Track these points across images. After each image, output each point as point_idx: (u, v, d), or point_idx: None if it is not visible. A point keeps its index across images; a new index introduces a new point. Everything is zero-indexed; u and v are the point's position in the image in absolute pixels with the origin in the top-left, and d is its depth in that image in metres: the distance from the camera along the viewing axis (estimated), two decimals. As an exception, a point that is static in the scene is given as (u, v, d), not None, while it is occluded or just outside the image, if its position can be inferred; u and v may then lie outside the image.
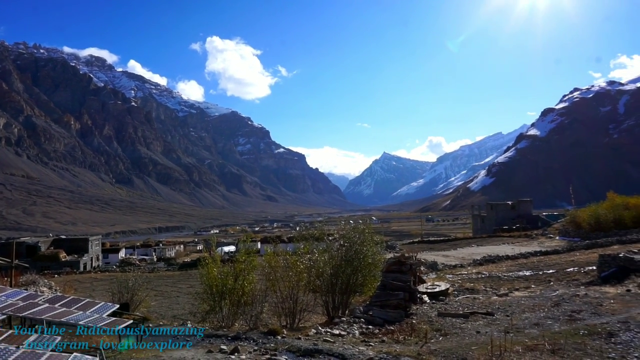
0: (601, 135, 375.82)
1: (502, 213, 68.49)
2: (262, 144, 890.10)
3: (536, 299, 15.03)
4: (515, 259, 28.93)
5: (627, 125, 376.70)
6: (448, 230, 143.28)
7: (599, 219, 38.14)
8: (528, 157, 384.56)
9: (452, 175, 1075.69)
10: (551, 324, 11.41)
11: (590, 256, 25.03)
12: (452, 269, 27.36)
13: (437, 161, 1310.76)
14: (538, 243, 40.05)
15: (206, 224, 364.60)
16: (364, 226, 15.53)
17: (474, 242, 47.93)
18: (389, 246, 46.05)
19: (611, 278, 16.89)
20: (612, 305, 13.12)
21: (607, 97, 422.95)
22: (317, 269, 14.18)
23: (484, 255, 30.95)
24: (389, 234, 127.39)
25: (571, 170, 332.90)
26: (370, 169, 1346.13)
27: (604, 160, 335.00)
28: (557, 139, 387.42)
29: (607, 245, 30.02)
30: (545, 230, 49.84)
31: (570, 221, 43.69)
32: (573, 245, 33.20)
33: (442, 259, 32.58)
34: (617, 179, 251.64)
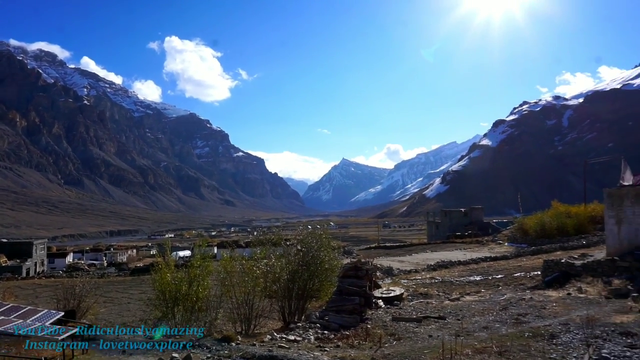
0: (547, 146, 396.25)
1: (456, 220, 70.65)
2: (220, 147, 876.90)
3: (486, 303, 15.59)
4: (466, 265, 29.87)
5: (570, 137, 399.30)
6: (404, 236, 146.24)
7: (544, 226, 40.07)
8: (480, 166, 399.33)
9: (409, 182, 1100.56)
10: (499, 327, 11.86)
11: (536, 262, 26.22)
12: (407, 274, 27.93)
13: (395, 168, 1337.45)
14: (488, 249, 41.52)
15: (161, 227, 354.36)
16: (322, 231, 15.61)
17: (428, 247, 49.07)
18: (346, 251, 46.50)
19: (554, 282, 17.78)
20: (554, 308, 13.80)
21: (552, 111, 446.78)
22: (274, 274, 14.11)
23: (437, 261, 31.78)
24: (346, 240, 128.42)
25: (520, 179, 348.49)
26: (329, 175, 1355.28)
27: (550, 171, 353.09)
28: (507, 149, 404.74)
29: (551, 251, 31.55)
30: (495, 237, 51.72)
31: (518, 228, 45.63)
32: (520, 251, 34.70)
33: (398, 264, 33.18)
34: (561, 188, 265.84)
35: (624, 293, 14.66)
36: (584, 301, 14.54)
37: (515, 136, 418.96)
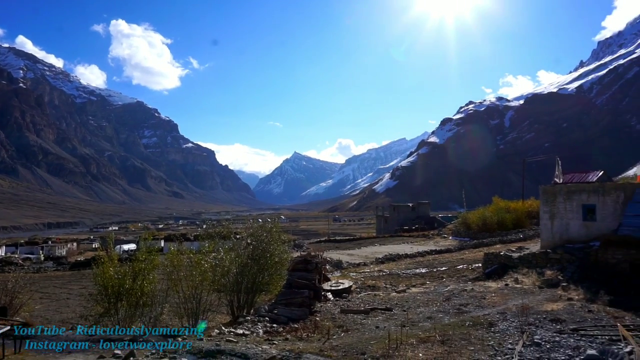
0: (490, 145, 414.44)
1: (404, 214, 72.56)
2: (169, 137, 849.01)
3: (430, 295, 16.18)
4: (413, 257, 30.82)
5: (511, 137, 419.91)
6: (354, 230, 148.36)
7: (486, 221, 42.04)
8: (428, 162, 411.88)
9: (360, 177, 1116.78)
10: (442, 317, 12.34)
11: (477, 254, 27.49)
12: (356, 267, 28.44)
13: (346, 163, 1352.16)
14: (434, 242, 43.04)
15: (104, 220, 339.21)
16: (272, 225, 15.55)
17: (377, 241, 50.12)
18: (297, 245, 46.57)
19: (493, 274, 18.73)
20: (493, 298, 14.54)
21: (496, 111, 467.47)
22: (223, 268, 13.91)
23: (385, 254, 32.57)
24: (297, 233, 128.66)
25: (464, 175, 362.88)
26: (280, 168, 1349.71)
27: (492, 168, 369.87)
28: (453, 146, 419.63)
29: (491, 244, 33.19)
30: (440, 231, 53.67)
31: (461, 222, 47.58)
32: (463, 244, 36.23)
33: (347, 257, 33.69)
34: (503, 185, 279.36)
35: (555, 283, 15.69)
36: (519, 291, 15.42)
37: (461, 134, 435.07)
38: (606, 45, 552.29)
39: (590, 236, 17.83)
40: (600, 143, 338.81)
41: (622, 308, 12.33)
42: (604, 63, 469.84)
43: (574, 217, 18.60)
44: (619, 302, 13.03)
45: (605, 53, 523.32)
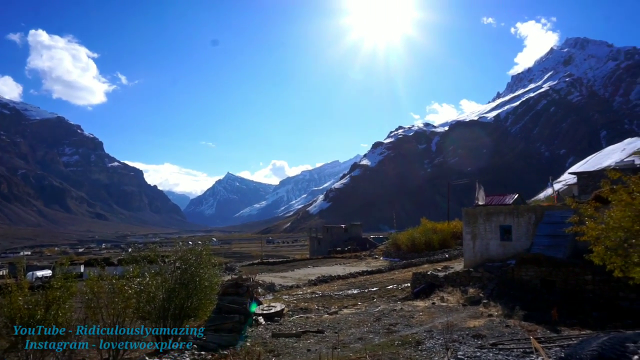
0: (418, 168, 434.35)
1: (336, 235, 73.40)
2: (93, 155, 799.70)
3: (361, 315, 16.39)
4: (345, 279, 31.16)
5: (437, 161, 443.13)
6: (287, 252, 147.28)
7: (414, 242, 43.66)
8: (360, 184, 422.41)
9: (294, 199, 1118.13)
10: (372, 337, 12.54)
11: (407, 274, 28.38)
12: (289, 290, 28.20)
13: (280, 184, 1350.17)
14: (365, 263, 43.85)
15: (15, 244, 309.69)
16: (202, 248, 15.07)
17: (310, 263, 50.13)
18: (229, 268, 45.40)
19: (421, 293, 19.41)
20: (421, 317, 15.04)
21: (423, 136, 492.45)
22: (148, 294, 13.20)
23: (318, 276, 32.64)
24: (229, 256, 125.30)
25: (395, 197, 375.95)
26: (213, 189, 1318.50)
27: (421, 190, 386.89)
28: (384, 169, 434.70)
29: (419, 264, 34.44)
30: (372, 252, 54.83)
31: (392, 243, 49.01)
32: (394, 264, 37.27)
33: (280, 280, 33.34)
34: (430, 207, 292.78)
35: (477, 300, 16.56)
36: (445, 309, 16.08)
37: (391, 157, 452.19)
38: (518, 79, 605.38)
39: (507, 255, 19.11)
40: (515, 168, 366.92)
41: (534, 322, 13.26)
42: (517, 95, 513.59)
43: (493, 237, 19.86)
44: (532, 316, 14.00)
45: (518, 86, 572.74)
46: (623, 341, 8.16)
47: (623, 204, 9.79)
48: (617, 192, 10.16)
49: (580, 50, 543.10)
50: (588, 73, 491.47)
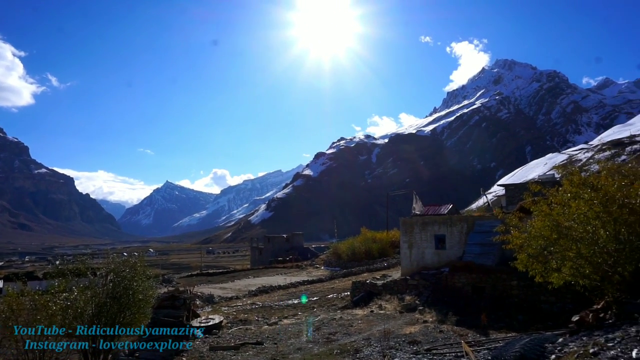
0: (359, 179, 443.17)
1: (278, 245, 72.96)
2: (17, 161, 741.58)
3: (301, 325, 16.40)
4: (286, 289, 31.00)
5: (377, 172, 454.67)
6: (228, 262, 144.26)
7: (355, 251, 44.33)
8: (302, 194, 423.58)
9: (235, 208, 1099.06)
10: (312, 347, 12.58)
11: (347, 283, 28.72)
12: (229, 301, 27.61)
13: (221, 193, 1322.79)
14: (307, 273, 43.88)
15: None
16: (136, 259, 14.43)
17: (251, 273, 49.39)
18: (166, 280, 43.64)
19: (360, 302, 19.74)
20: (359, 325, 15.29)
21: (364, 148, 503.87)
22: (76, 310, 12.41)
23: (259, 286, 32.24)
24: (167, 267, 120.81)
25: (336, 207, 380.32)
26: (150, 198, 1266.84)
27: (361, 200, 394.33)
28: (326, 179, 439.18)
29: (359, 273, 34.99)
30: (313, 261, 54.97)
31: (333, 253, 49.45)
32: (334, 274, 37.59)
33: (220, 291, 32.57)
34: (370, 216, 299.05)
35: (413, 307, 17.10)
36: (383, 317, 16.47)
37: (333, 168, 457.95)
38: (453, 95, 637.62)
39: (442, 263, 19.93)
40: (450, 179, 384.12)
41: (466, 326, 13.92)
42: (452, 111, 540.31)
43: (428, 246, 20.66)
44: (463, 321, 14.68)
45: (453, 102, 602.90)
46: (542, 342, 8.80)
47: (543, 214, 10.57)
48: (538, 204, 10.97)
49: (508, 71, 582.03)
50: (515, 92, 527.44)
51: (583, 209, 9.76)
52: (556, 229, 10.19)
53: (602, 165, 11.61)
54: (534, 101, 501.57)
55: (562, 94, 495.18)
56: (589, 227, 9.76)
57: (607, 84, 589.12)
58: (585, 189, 10.09)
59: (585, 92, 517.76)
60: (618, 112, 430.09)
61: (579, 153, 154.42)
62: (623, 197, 9.55)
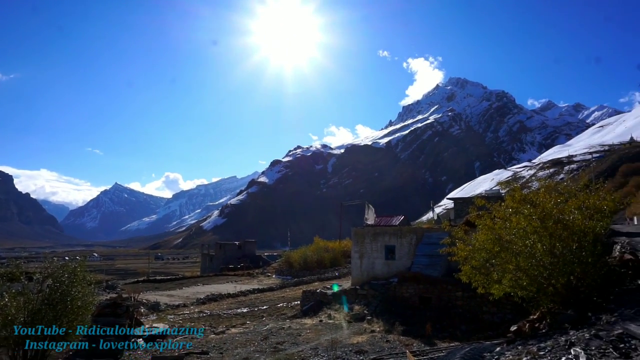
0: (314, 188, 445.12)
1: (230, 252, 71.81)
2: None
3: (249, 334, 16.17)
4: (235, 297, 30.53)
5: (332, 182, 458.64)
6: (177, 269, 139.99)
7: (307, 260, 44.39)
8: (257, 201, 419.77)
9: (187, 213, 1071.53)
10: (259, 357, 12.42)
11: (297, 292, 28.66)
12: (175, 309, 26.82)
13: (173, 198, 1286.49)
14: (258, 281, 43.41)
15: None
16: (77, 264, 13.75)
17: (200, 281, 48.28)
18: (109, 286, 41.83)
19: (310, 311, 19.73)
20: (308, 335, 15.27)
21: (320, 157, 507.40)
22: (5, 317, 11.64)
23: (208, 294, 31.55)
24: (111, 273, 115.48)
25: (291, 215, 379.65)
26: (97, 200, 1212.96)
27: (316, 209, 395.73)
28: (281, 187, 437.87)
29: (310, 282, 35.03)
30: (265, 269, 54.49)
31: (285, 261, 49.26)
32: (285, 282, 37.42)
33: (166, 298, 31.58)
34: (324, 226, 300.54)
35: (361, 317, 17.28)
36: (331, 326, 16.53)
37: (289, 176, 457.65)
38: (408, 110, 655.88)
39: (391, 273, 20.31)
40: (403, 191, 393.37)
41: (412, 336, 14.22)
42: (407, 124, 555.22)
43: (379, 256, 21.00)
44: (410, 331, 15.00)
45: (407, 116, 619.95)
46: (481, 352, 9.13)
47: (486, 228, 11.02)
48: (482, 218, 11.43)
49: (460, 89, 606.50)
50: (467, 110, 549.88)
51: (523, 223, 10.25)
52: (498, 242, 10.65)
53: (541, 183, 12.28)
54: (484, 119, 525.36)
55: (509, 113, 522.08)
56: (527, 241, 10.26)
57: (549, 106, 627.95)
58: (525, 205, 10.62)
59: (530, 112, 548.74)
60: (558, 133, 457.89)
61: (523, 170, 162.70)
62: (558, 213, 10.13)
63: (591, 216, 10.12)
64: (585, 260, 9.84)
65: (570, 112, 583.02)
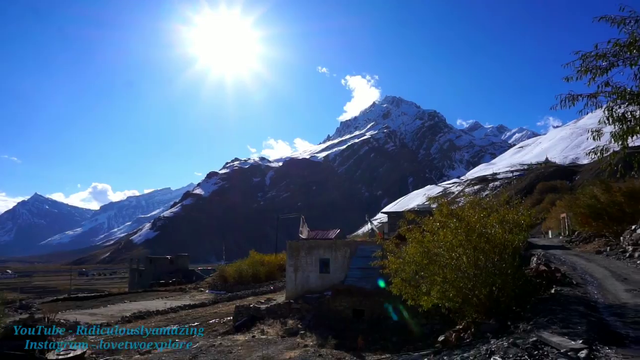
0: (252, 201, 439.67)
1: (161, 267, 68.82)
2: None
3: (177, 353, 15.42)
4: (165, 314, 29.15)
5: (270, 195, 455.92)
6: (104, 285, 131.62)
7: (242, 274, 43.48)
8: (192, 214, 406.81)
9: (116, 226, 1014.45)
10: (186, 377, 11.85)
11: (231, 307, 27.89)
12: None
13: (101, 210, 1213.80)
14: (190, 297, 41.80)
15: None
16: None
17: (128, 297, 45.71)
18: (23, 306, 38.41)
19: (243, 327, 19.25)
20: (239, 352, 14.83)
21: (258, 170, 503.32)
22: None
23: (135, 312, 29.88)
24: (28, 291, 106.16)
25: (227, 229, 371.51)
26: (13, 211, 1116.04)
27: (253, 223, 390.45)
28: (217, 200, 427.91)
29: (245, 297, 34.27)
30: (198, 284, 52.70)
31: (219, 275, 47.96)
32: (218, 298, 36.34)
33: (89, 317, 29.48)
34: (261, 239, 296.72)
35: (295, 331, 17.11)
36: (264, 342, 16.20)
37: (225, 188, 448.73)
38: (346, 125, 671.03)
39: (325, 287, 20.35)
40: (340, 205, 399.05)
41: (344, 349, 14.26)
42: (344, 140, 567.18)
43: (313, 269, 21.00)
44: (342, 344, 15.04)
45: (345, 132, 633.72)
46: (410, 362, 9.32)
47: (416, 241, 11.38)
48: (412, 231, 11.79)
49: (396, 107, 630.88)
50: (401, 127, 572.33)
51: (449, 237, 10.69)
52: (427, 255, 11.02)
53: (467, 199, 12.93)
54: (417, 137, 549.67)
55: (440, 132, 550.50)
56: (453, 254, 10.71)
57: (476, 126, 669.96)
58: (451, 219, 11.11)
59: (459, 132, 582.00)
60: (484, 152, 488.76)
61: (452, 186, 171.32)
62: (482, 227, 10.68)
63: (511, 230, 10.76)
64: (506, 272, 10.42)
65: (495, 132, 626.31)
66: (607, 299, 9.83)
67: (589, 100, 8.32)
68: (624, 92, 8.04)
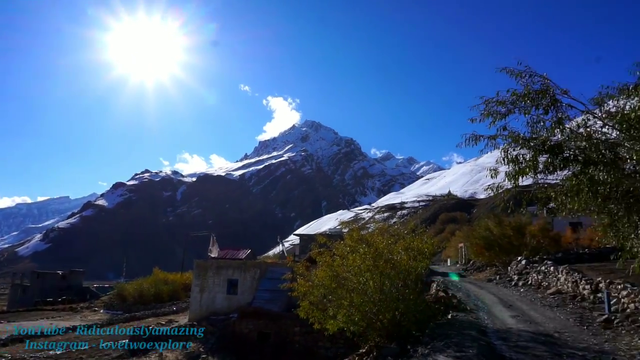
0: (160, 215, 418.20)
1: (50, 283, 62.61)
2: None
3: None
4: (49, 336, 26.32)
5: (180, 210, 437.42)
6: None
7: (143, 293, 40.82)
8: (92, 226, 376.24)
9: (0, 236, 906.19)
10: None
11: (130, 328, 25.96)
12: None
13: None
14: (81, 317, 38.29)
15: None
16: None
17: (6, 317, 40.74)
18: None
19: (139, 351, 17.97)
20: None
21: (170, 184, 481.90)
22: None
23: (12, 334, 26.63)
24: None
25: (131, 244, 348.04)
26: None
27: (159, 238, 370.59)
28: (123, 212, 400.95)
29: (144, 317, 32.10)
30: (91, 303, 48.64)
31: (117, 294, 44.62)
32: (114, 318, 33.66)
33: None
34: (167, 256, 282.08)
35: (196, 356, 16.33)
36: (162, 367, 15.22)
37: (133, 201, 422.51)
38: (265, 145, 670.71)
39: (232, 308, 19.78)
40: (253, 225, 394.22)
41: (247, 374, 13.83)
42: (261, 159, 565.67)
43: (220, 290, 20.36)
44: (246, 369, 14.60)
45: (263, 152, 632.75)
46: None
47: (326, 264, 11.53)
48: (323, 254, 11.94)
49: (314, 131, 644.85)
50: (318, 152, 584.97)
51: (358, 261, 10.99)
52: (335, 279, 11.19)
53: (377, 225, 13.45)
54: (333, 162, 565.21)
55: (355, 159, 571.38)
56: (361, 279, 11.00)
57: (388, 157, 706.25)
58: (361, 244, 11.44)
59: (373, 161, 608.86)
60: (394, 181, 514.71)
61: (363, 212, 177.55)
62: (389, 253, 11.13)
63: (415, 257, 11.32)
64: (408, 297, 10.89)
65: (405, 164, 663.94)
66: (495, 324, 10.67)
67: (489, 141, 9.15)
68: (518, 136, 8.98)
